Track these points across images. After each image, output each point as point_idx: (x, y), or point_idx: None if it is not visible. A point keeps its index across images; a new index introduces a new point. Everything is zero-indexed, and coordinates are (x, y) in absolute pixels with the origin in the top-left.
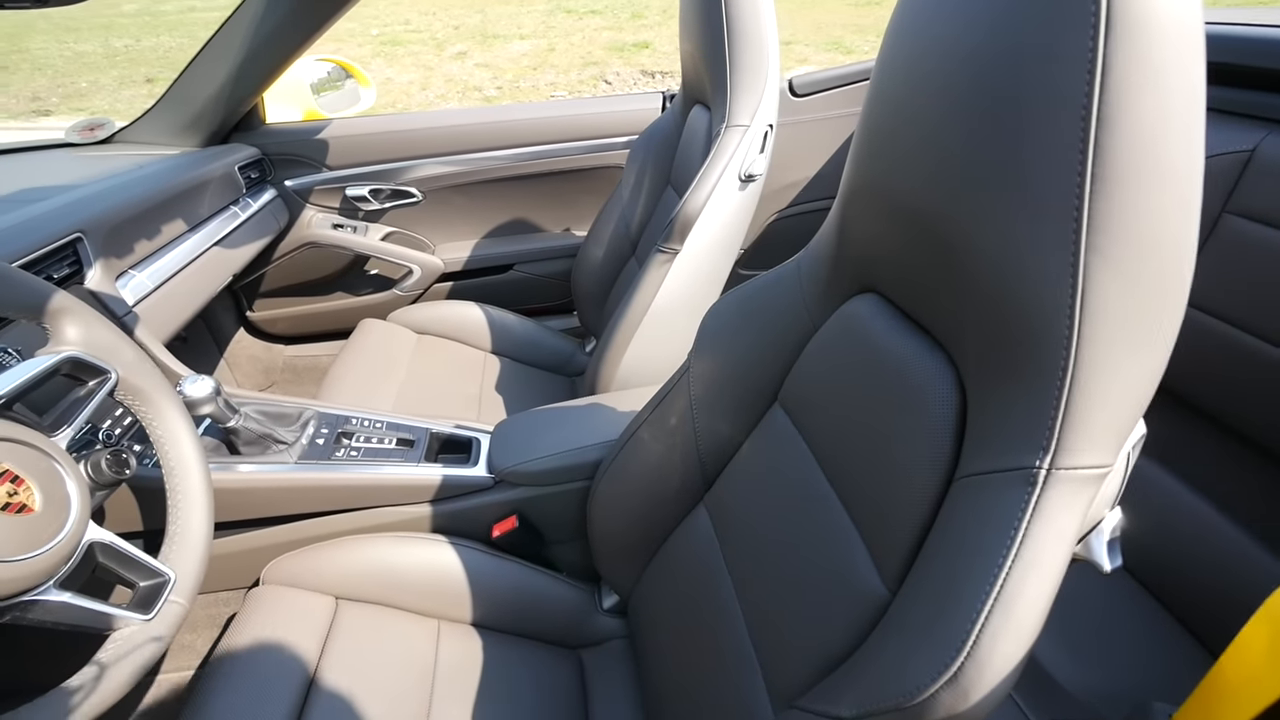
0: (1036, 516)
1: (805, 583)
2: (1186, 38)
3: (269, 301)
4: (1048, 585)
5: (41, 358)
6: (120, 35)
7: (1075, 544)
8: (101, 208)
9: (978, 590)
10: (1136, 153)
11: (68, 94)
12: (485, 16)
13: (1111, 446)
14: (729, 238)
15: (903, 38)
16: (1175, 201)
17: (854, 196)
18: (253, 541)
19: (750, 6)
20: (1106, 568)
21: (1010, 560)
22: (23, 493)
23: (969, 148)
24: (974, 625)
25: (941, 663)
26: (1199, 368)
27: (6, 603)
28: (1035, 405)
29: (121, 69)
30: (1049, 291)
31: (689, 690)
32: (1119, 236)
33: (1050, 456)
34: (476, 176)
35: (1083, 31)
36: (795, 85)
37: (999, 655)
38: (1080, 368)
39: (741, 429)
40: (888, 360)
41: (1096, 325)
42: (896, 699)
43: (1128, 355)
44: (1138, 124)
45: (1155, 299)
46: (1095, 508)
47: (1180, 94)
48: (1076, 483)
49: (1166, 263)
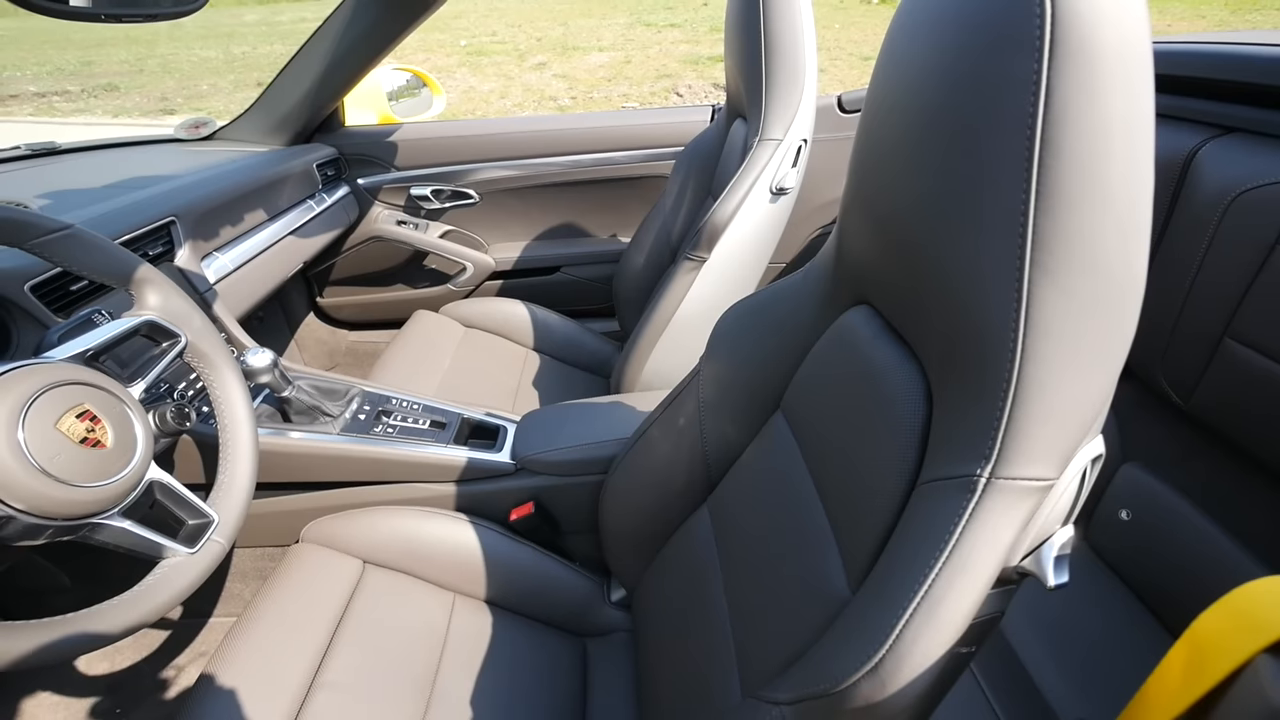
0: (972, 522)
1: (783, 583)
2: (1130, 62)
3: (337, 289)
4: (975, 589)
5: (125, 319)
6: (240, 43)
7: (1020, 555)
8: (194, 196)
9: (908, 590)
10: (1078, 173)
11: (190, 95)
12: (568, 29)
13: (1054, 460)
14: (758, 248)
15: (885, 67)
16: (1115, 222)
17: (849, 213)
18: (296, 504)
19: (789, 25)
20: (1050, 583)
21: (941, 562)
22: (99, 430)
23: (931, 168)
24: (898, 621)
25: (865, 655)
26: (1234, 399)
27: (79, 522)
28: (983, 416)
29: (238, 73)
30: (997, 306)
31: (676, 685)
32: (1062, 255)
33: (991, 466)
34: (531, 181)
35: (1028, 55)
36: (845, 102)
37: (918, 652)
38: (1023, 381)
39: (746, 433)
40: (870, 369)
41: (1040, 341)
42: (824, 686)
43: (1072, 372)
44: (1079, 145)
45: (1099, 319)
46: (1046, 523)
47: (1122, 117)
48: (1015, 493)
49: (1110, 283)
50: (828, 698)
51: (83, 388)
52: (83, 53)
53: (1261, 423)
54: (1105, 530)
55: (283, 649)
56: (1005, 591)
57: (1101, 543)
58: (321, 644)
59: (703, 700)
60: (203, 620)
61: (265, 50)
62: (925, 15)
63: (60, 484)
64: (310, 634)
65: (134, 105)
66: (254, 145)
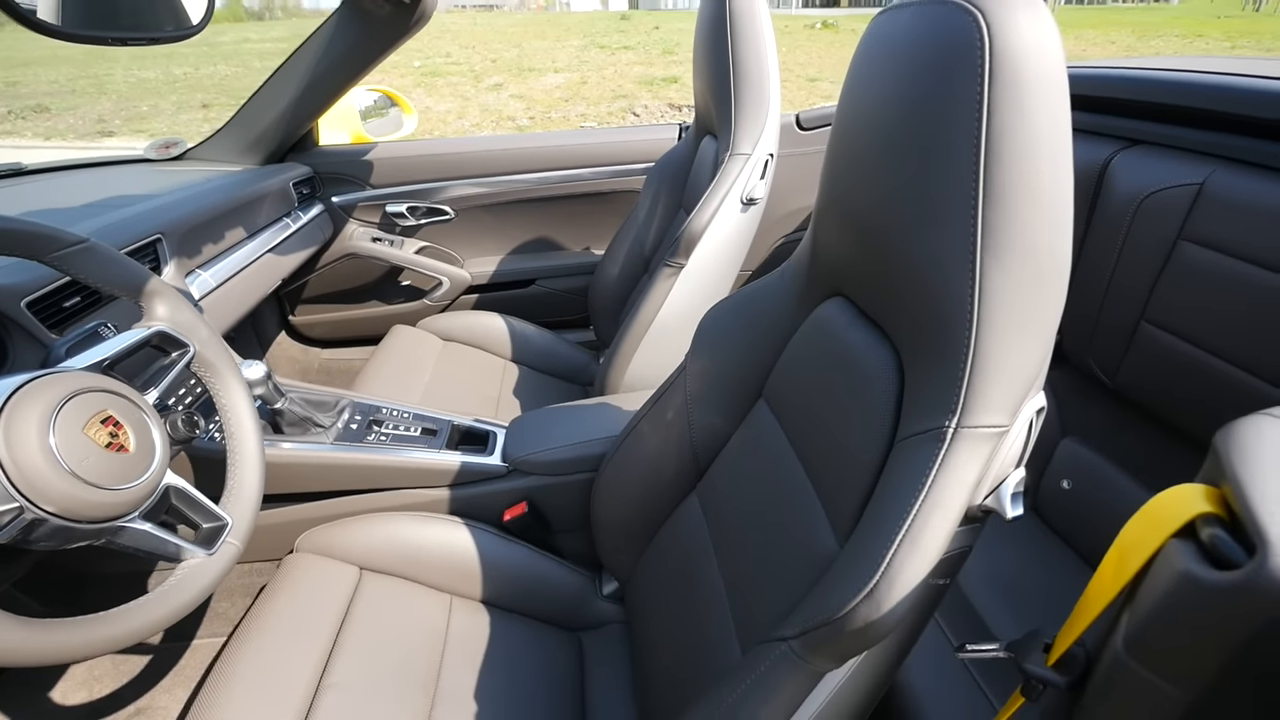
0: (944, 465)
1: (776, 551)
2: (1051, 87)
3: (309, 307)
4: (949, 522)
5: (137, 330)
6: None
7: (984, 493)
8: (178, 214)
9: (894, 526)
10: (1015, 175)
11: (130, 117)
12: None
13: (1007, 410)
14: (731, 254)
15: (852, 89)
16: (1046, 215)
17: (822, 215)
18: (288, 515)
19: (755, 50)
20: (1008, 515)
21: (920, 500)
22: (121, 435)
23: (897, 174)
24: (888, 552)
25: (861, 583)
26: (1152, 375)
27: (104, 525)
28: (948, 378)
29: (180, 95)
30: (956, 287)
31: (674, 662)
32: (1006, 242)
33: (957, 417)
34: (505, 197)
35: (973, 82)
36: (803, 120)
37: (905, 577)
38: (980, 346)
39: (731, 421)
40: (846, 351)
41: (991, 313)
42: (826, 615)
43: (1017, 337)
44: (1015, 153)
45: (1036, 293)
46: (1002, 466)
47: (1046, 130)
48: (978, 439)
49: (1043, 264)
50: (830, 624)
51: (105, 394)
52: (5, 72)
53: (1176, 394)
54: (1049, 499)
55: (287, 654)
56: (972, 529)
57: (1046, 510)
58: (325, 648)
59: (704, 667)
60: (185, 644)
61: (208, 71)
62: (886, 48)
63: (90, 486)
64: (313, 639)
65: (68, 127)
66: (227, 165)
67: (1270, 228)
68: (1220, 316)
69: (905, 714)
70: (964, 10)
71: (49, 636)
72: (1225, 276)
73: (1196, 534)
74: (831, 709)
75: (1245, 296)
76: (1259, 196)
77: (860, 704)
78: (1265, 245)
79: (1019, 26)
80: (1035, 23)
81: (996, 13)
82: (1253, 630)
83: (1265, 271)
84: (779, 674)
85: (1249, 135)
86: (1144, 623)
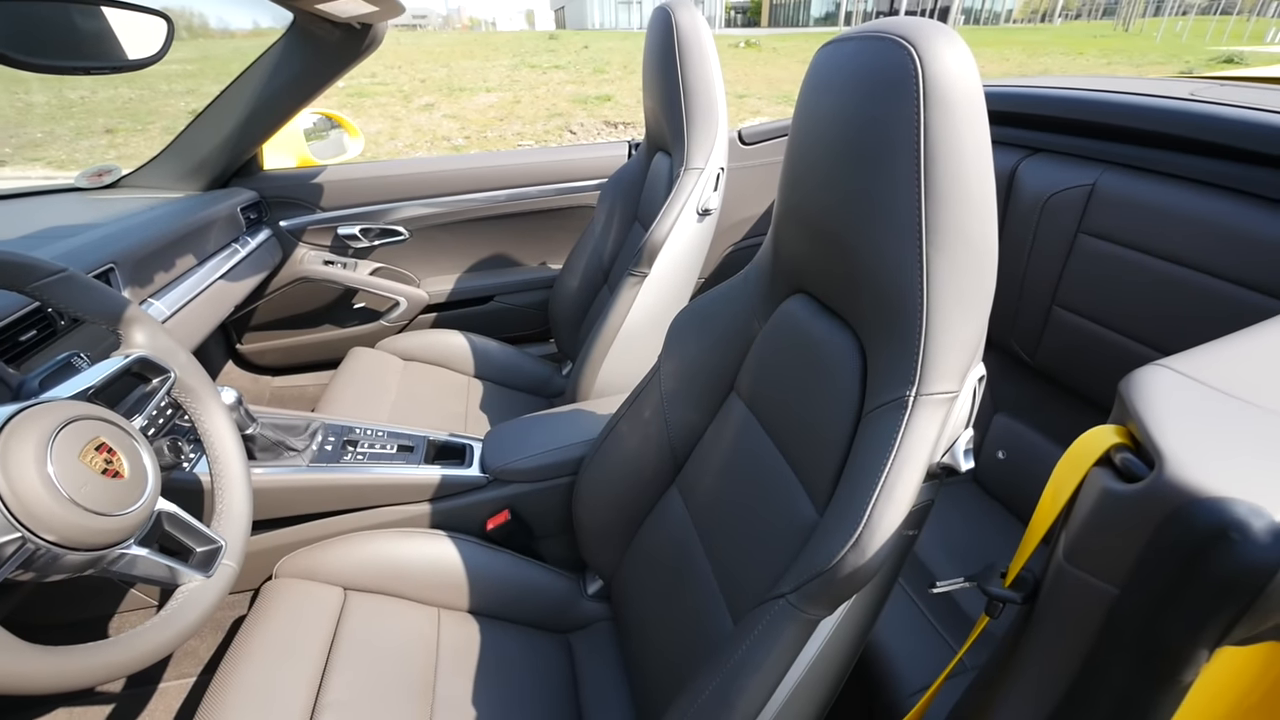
0: (908, 429)
1: (759, 527)
2: (972, 105)
3: (259, 334)
4: (916, 476)
5: (117, 358)
6: (75, 88)
7: (941, 451)
8: (129, 242)
9: (871, 484)
10: (949, 179)
11: (22, 144)
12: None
13: (956, 377)
14: (690, 262)
15: (804, 109)
16: (976, 211)
17: (782, 220)
18: (264, 543)
19: (702, 71)
20: (963, 468)
21: (891, 459)
22: (115, 462)
23: (850, 183)
24: (868, 506)
25: (847, 534)
26: (1065, 353)
27: (102, 551)
28: (905, 354)
29: (78, 120)
30: (907, 275)
31: (666, 646)
32: (945, 235)
33: (915, 387)
34: (460, 216)
35: (911, 103)
36: (744, 135)
37: (885, 524)
38: (930, 325)
39: (705, 416)
40: (812, 342)
41: (937, 296)
42: (818, 566)
43: (960, 315)
44: (948, 160)
45: (973, 277)
46: (954, 427)
47: (970, 138)
48: (935, 404)
49: (977, 251)
50: (822, 575)
51: (97, 422)
52: None
53: (1086, 368)
54: (987, 469)
55: (280, 677)
56: (933, 485)
57: (985, 479)
58: (317, 669)
59: (697, 643)
60: (151, 688)
61: (108, 94)
62: (834, 75)
63: (89, 513)
64: (305, 661)
65: None
66: (166, 191)
67: (1151, 220)
68: (1117, 298)
69: (880, 664)
70: (899, 45)
71: (61, 663)
72: (1118, 263)
73: (1111, 461)
74: (827, 653)
75: (1135, 279)
76: (1141, 195)
77: (850, 646)
78: (1148, 235)
79: (944, 57)
80: (956, 53)
81: (926, 46)
82: (1156, 524)
83: (1149, 257)
84: (779, 627)
85: (1131, 143)
86: (1077, 534)
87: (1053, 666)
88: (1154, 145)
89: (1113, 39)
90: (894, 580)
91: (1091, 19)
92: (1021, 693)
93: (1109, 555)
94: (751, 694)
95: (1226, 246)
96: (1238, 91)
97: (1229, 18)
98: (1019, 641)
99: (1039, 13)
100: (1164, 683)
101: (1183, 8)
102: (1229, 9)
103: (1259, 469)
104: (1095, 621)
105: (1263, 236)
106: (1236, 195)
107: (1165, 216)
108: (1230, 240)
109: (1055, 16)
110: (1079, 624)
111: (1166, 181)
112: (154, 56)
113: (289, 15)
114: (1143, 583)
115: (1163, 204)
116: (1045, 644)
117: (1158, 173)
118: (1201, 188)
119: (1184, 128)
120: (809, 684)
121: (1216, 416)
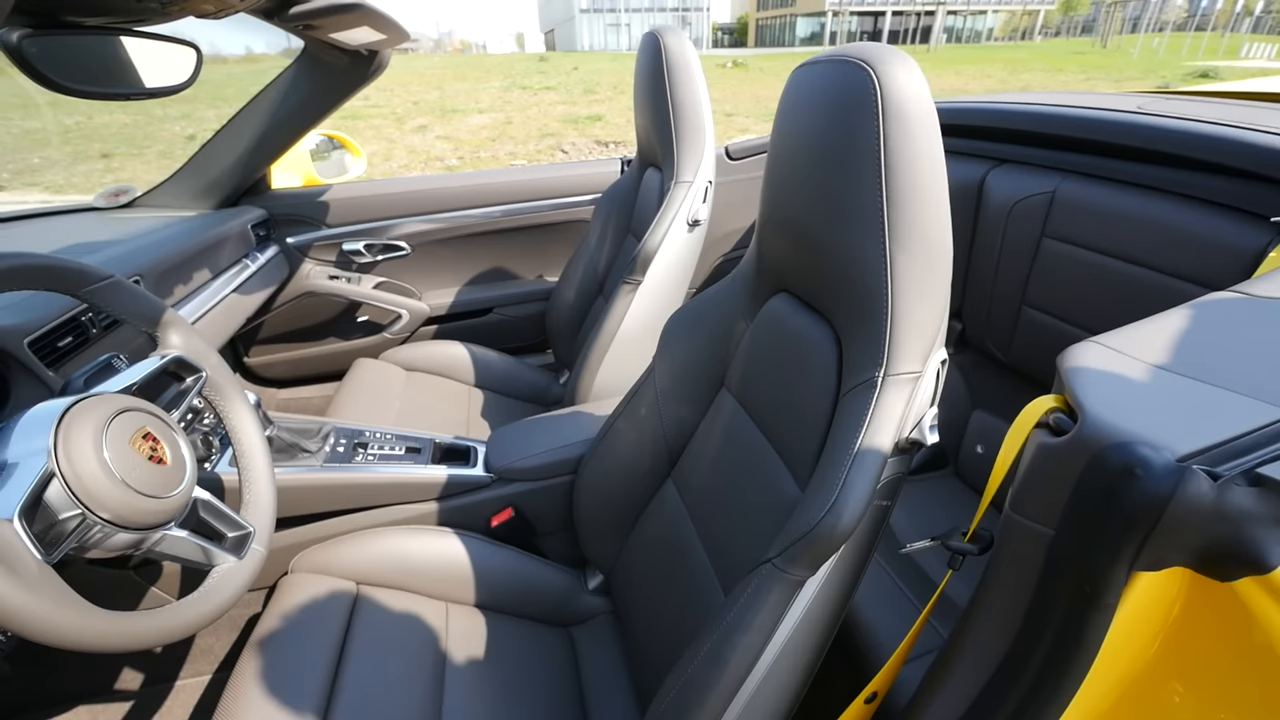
0: (878, 405)
1: (748, 507)
2: (925, 119)
3: (265, 348)
4: (886, 447)
5: (154, 358)
6: (71, 113)
7: (909, 426)
8: (154, 256)
9: (845, 454)
10: (907, 184)
11: (19, 169)
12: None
13: (919, 359)
14: (682, 270)
15: (782, 124)
16: (931, 211)
17: (764, 226)
18: (277, 541)
19: (689, 91)
20: (928, 441)
21: (863, 433)
22: (159, 450)
23: (823, 189)
24: (843, 473)
25: (826, 500)
26: (1035, 349)
27: (149, 531)
28: (874, 340)
29: (75, 145)
30: (873, 271)
31: (664, 630)
32: (906, 233)
33: (884, 368)
34: (459, 231)
35: (873, 119)
36: (731, 151)
37: (858, 489)
38: (895, 313)
39: (698, 411)
40: (794, 335)
41: (901, 287)
42: (801, 531)
43: (920, 304)
44: (906, 167)
45: (931, 269)
46: (919, 404)
47: (925, 147)
48: (900, 383)
49: (934, 247)
50: (805, 538)
51: (142, 414)
52: None
53: (1054, 362)
54: (967, 464)
55: (298, 662)
56: (903, 458)
57: (965, 472)
58: (333, 657)
59: (694, 619)
60: (169, 685)
61: (104, 120)
62: (807, 95)
63: (139, 495)
64: (321, 649)
65: None
66: (180, 210)
67: (1105, 223)
68: (1078, 295)
69: (865, 637)
70: (860, 68)
71: (124, 625)
72: (1079, 264)
73: (1047, 423)
74: (812, 613)
75: (1093, 278)
76: (1096, 200)
77: (834, 606)
78: (1103, 237)
79: (899, 78)
80: (910, 74)
81: (884, 69)
82: (1078, 469)
83: (1105, 257)
84: (766, 588)
85: (1087, 153)
86: (1020, 486)
87: (1005, 604)
88: (1107, 154)
89: (1091, 55)
90: (872, 546)
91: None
92: (981, 640)
93: (1044, 501)
94: (743, 652)
95: (1168, 244)
96: (1180, 105)
97: (1204, 33)
98: (977, 594)
99: (1019, 31)
100: (1093, 605)
101: (1159, 24)
102: (1203, 25)
103: (1162, 418)
104: (1038, 559)
105: (1196, 234)
106: (1177, 198)
107: (1117, 219)
108: (1170, 238)
109: (1035, 34)
110: (1025, 563)
111: (1118, 187)
112: (185, 83)
113: (281, 41)
114: (1072, 521)
115: (1115, 208)
116: (999, 586)
117: (1110, 179)
118: (1148, 192)
119: (1132, 138)
120: (796, 643)
121: (1130, 378)
